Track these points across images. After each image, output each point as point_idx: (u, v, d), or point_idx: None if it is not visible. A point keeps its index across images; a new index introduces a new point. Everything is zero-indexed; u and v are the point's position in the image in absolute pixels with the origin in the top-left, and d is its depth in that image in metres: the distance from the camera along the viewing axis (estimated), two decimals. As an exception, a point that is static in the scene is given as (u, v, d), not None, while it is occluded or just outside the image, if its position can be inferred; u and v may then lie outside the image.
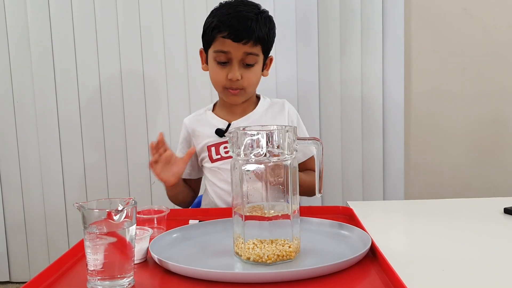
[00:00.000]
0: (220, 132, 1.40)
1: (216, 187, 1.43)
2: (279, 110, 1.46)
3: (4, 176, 2.18)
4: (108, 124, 2.13)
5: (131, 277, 0.78)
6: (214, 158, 1.41)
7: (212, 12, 1.39)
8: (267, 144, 0.84)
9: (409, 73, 2.14)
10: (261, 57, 1.35)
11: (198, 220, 1.12)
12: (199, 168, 1.50)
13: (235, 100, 1.39)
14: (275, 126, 0.89)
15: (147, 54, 2.10)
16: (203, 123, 1.45)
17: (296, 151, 0.87)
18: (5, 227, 2.21)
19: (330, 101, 2.10)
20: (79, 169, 2.16)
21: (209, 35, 1.35)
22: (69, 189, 2.18)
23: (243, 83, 1.34)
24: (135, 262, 0.83)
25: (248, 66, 1.33)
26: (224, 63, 1.33)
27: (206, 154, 1.43)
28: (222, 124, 1.42)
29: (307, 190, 1.38)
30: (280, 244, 0.85)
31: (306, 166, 1.45)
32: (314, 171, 1.43)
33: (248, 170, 0.85)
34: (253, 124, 1.38)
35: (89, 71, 2.11)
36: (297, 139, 0.88)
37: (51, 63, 2.10)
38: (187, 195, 1.48)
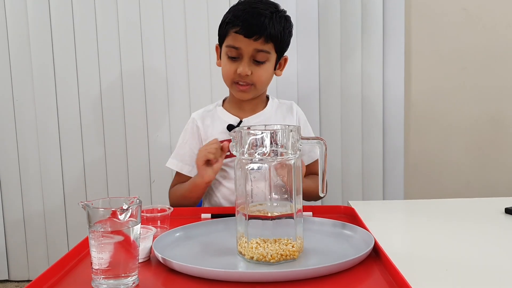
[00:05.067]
0: (231, 128, 1.39)
1: (221, 186, 1.42)
2: (287, 111, 1.47)
3: (3, 175, 2.18)
4: (108, 123, 2.13)
5: (136, 276, 0.78)
6: None
7: (230, 8, 1.38)
8: (271, 144, 0.84)
9: (409, 72, 2.14)
10: (273, 55, 1.35)
11: (210, 215, 1.17)
12: None
13: (243, 96, 1.37)
14: (279, 126, 0.89)
15: (147, 53, 2.09)
16: (214, 118, 1.44)
17: (300, 150, 0.88)
18: (4, 226, 2.20)
19: (330, 100, 2.10)
20: (78, 167, 2.16)
21: (223, 30, 1.36)
22: (68, 188, 2.18)
23: (253, 79, 1.33)
24: (140, 260, 0.83)
25: (259, 63, 1.33)
26: (235, 58, 1.33)
27: None
28: (233, 121, 1.41)
29: (311, 195, 1.38)
30: (283, 244, 0.86)
31: (310, 170, 1.44)
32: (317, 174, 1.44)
33: (252, 169, 0.85)
34: (264, 122, 1.40)
35: (89, 69, 2.10)
36: (301, 138, 0.88)
37: (51, 61, 2.10)
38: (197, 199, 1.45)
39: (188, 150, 1.45)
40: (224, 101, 1.49)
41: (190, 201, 1.37)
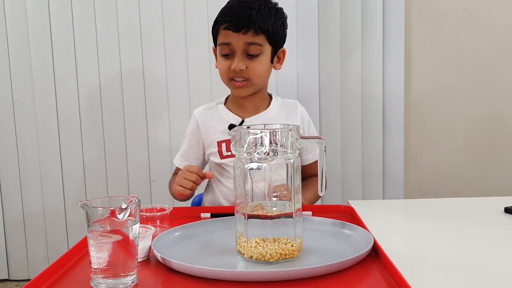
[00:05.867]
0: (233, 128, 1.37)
1: (222, 186, 1.42)
2: (291, 111, 1.46)
3: (3, 175, 2.18)
4: (108, 122, 2.13)
5: (134, 275, 0.78)
6: (224, 155, 1.39)
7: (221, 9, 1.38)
8: (270, 143, 0.84)
9: (409, 72, 2.14)
10: (267, 47, 1.33)
11: (210, 214, 1.16)
12: (204, 162, 1.48)
13: (241, 92, 1.36)
14: (278, 125, 0.89)
15: (147, 52, 2.09)
16: (215, 116, 1.43)
17: (299, 150, 0.87)
18: (4, 225, 2.20)
19: (330, 100, 2.10)
20: (78, 167, 2.16)
21: (213, 30, 1.36)
22: (68, 187, 2.18)
23: (249, 74, 1.32)
24: (139, 260, 0.82)
25: (252, 56, 1.31)
26: (228, 55, 1.32)
27: (216, 149, 1.40)
28: (235, 120, 1.39)
29: (313, 201, 1.39)
30: (282, 243, 0.85)
31: (311, 170, 1.44)
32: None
33: (252, 169, 0.85)
34: (266, 122, 1.37)
35: (89, 69, 2.10)
36: (300, 137, 0.88)
37: (51, 60, 2.10)
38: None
39: (187, 148, 1.46)
40: (226, 99, 1.48)
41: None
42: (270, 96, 1.47)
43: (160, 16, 2.07)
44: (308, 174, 1.45)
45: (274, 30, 1.32)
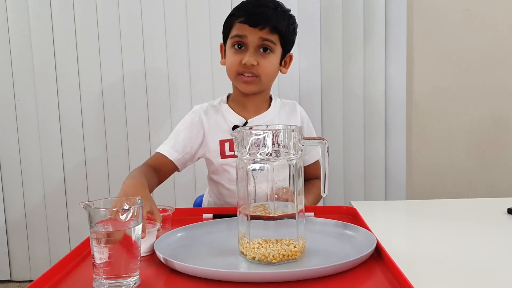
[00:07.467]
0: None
1: (224, 189, 1.40)
2: (291, 111, 1.46)
3: (5, 175, 2.18)
4: (109, 123, 2.13)
5: (137, 276, 0.78)
6: (226, 154, 1.37)
7: (234, 7, 1.38)
8: (272, 144, 0.84)
9: (411, 73, 2.14)
10: (278, 48, 1.34)
11: (212, 215, 1.15)
12: (191, 160, 1.41)
13: (248, 88, 1.34)
14: (281, 126, 0.89)
15: (149, 53, 2.10)
16: (219, 115, 1.41)
17: (302, 150, 0.87)
18: (6, 226, 2.21)
19: (332, 100, 2.10)
20: (80, 168, 2.16)
21: (227, 24, 1.36)
22: (70, 188, 2.18)
23: (258, 70, 1.31)
24: (143, 254, 0.82)
25: (264, 53, 1.32)
26: (240, 48, 1.32)
27: (217, 148, 1.38)
28: (239, 121, 1.38)
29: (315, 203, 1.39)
30: (285, 244, 0.85)
31: (310, 171, 1.43)
32: (317, 178, 1.43)
33: (254, 170, 0.84)
34: (269, 123, 1.37)
35: (91, 70, 2.11)
36: (303, 138, 0.87)
37: (53, 61, 2.10)
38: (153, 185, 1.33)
39: (181, 139, 1.38)
40: (227, 98, 1.46)
41: None
42: (270, 97, 1.47)
43: (162, 17, 2.07)
44: (307, 175, 1.44)
45: (286, 32, 1.34)
